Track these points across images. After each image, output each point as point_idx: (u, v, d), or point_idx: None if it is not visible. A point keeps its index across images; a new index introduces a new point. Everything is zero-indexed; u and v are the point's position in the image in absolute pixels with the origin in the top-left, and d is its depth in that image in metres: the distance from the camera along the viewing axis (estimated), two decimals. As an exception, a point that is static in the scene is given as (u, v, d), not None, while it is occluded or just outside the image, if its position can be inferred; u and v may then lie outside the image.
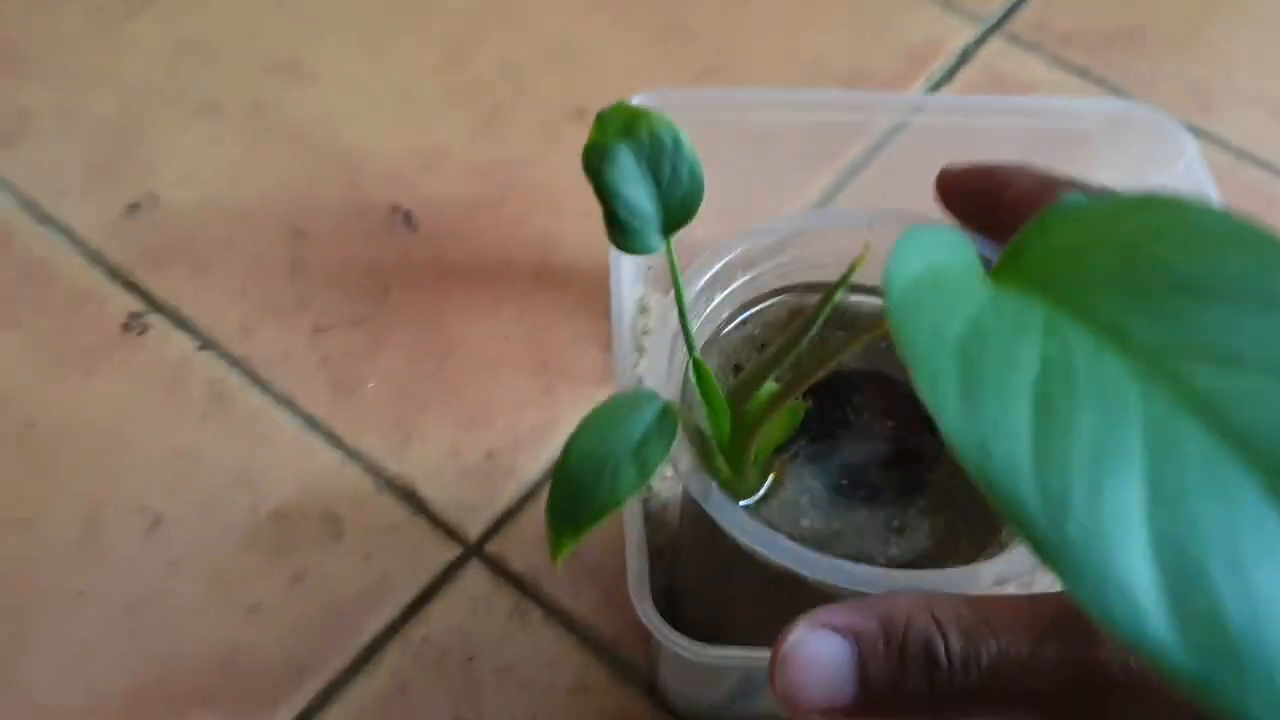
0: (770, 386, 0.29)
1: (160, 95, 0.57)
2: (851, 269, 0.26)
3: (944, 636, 0.24)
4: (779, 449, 0.32)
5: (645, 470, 0.27)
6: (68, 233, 0.51)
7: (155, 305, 0.49)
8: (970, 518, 0.32)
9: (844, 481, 0.33)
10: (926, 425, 0.32)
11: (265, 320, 0.49)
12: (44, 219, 0.51)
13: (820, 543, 0.31)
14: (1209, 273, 0.19)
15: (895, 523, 0.32)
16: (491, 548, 0.43)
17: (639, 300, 0.47)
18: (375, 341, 0.48)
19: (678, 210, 0.29)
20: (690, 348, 0.30)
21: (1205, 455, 0.17)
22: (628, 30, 0.61)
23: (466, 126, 0.56)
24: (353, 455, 0.45)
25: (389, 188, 0.53)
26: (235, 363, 0.47)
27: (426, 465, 0.45)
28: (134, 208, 0.52)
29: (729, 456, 0.30)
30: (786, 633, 0.24)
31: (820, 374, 0.27)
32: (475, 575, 0.42)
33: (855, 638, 0.24)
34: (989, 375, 0.18)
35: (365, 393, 0.47)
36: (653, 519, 0.42)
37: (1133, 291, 0.19)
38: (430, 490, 0.44)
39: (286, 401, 0.46)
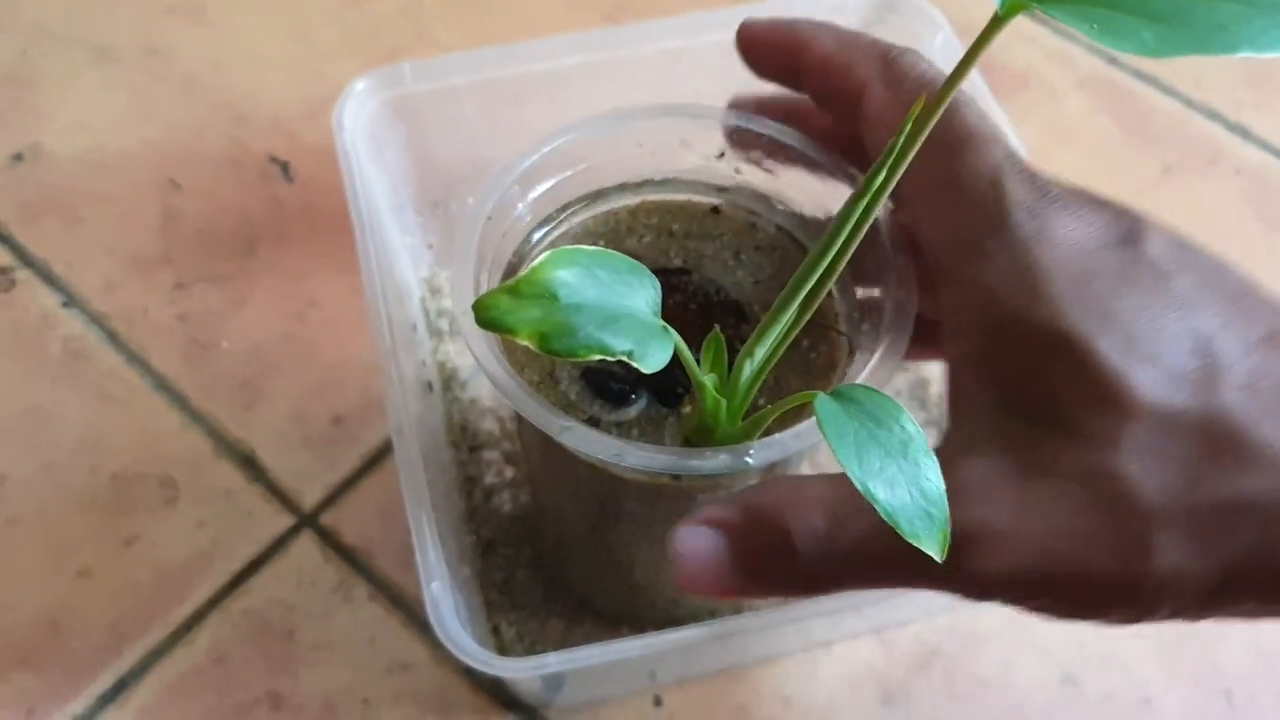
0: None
1: (58, 40, 0.55)
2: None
3: (805, 520, 0.25)
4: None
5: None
6: (-51, 183, 0.50)
7: (25, 260, 0.48)
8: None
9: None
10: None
11: (130, 276, 0.48)
12: (-72, 168, 0.51)
13: None
14: None
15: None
16: (326, 519, 0.42)
17: (426, 281, 0.45)
18: (235, 299, 0.47)
19: None
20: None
21: None
22: (540, -31, 0.58)
23: (359, 70, 0.54)
24: (197, 417, 0.44)
25: (271, 137, 0.52)
26: (95, 320, 0.46)
27: (270, 429, 0.44)
28: (17, 158, 0.51)
29: (731, 415, 0.28)
30: (674, 534, 0.26)
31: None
32: (305, 547, 0.41)
33: (724, 529, 0.26)
34: None
35: (219, 352, 0.45)
36: (477, 514, 0.41)
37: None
38: (270, 456, 0.43)
39: (139, 360, 0.45)
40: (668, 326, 0.24)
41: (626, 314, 0.24)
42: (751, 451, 0.26)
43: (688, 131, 0.33)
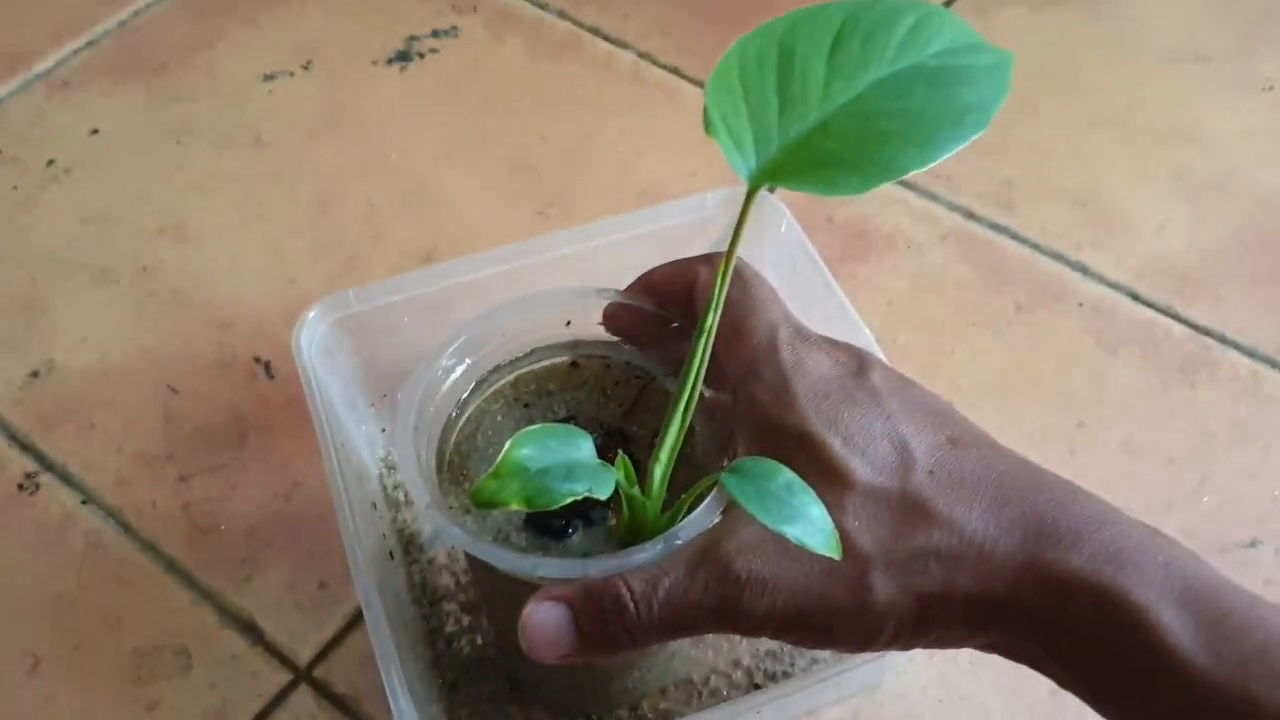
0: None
1: (63, 265, 0.64)
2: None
3: (628, 585, 0.33)
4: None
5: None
6: (-24, 402, 0.58)
7: (47, 465, 0.56)
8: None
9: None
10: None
11: (139, 473, 0.55)
12: (-44, 390, 0.59)
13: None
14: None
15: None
16: (319, 672, 0.49)
17: (383, 460, 0.53)
18: (230, 485, 0.55)
19: None
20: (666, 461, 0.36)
21: None
22: (478, 173, 0.67)
23: (327, 275, 0.63)
24: (204, 593, 0.51)
25: (254, 340, 0.60)
26: (111, 514, 0.54)
27: (266, 598, 0.51)
28: (34, 375, 0.59)
29: (654, 511, 0.37)
30: (524, 612, 0.34)
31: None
32: (303, 699, 0.48)
33: (567, 602, 0.34)
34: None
35: (219, 535, 0.53)
36: (441, 660, 0.48)
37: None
38: (268, 621, 0.50)
39: (151, 547, 0.53)
40: (606, 464, 0.33)
41: (577, 464, 0.32)
42: (679, 534, 0.35)
43: (538, 315, 0.43)
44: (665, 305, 0.42)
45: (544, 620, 0.33)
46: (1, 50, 0.74)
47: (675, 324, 0.42)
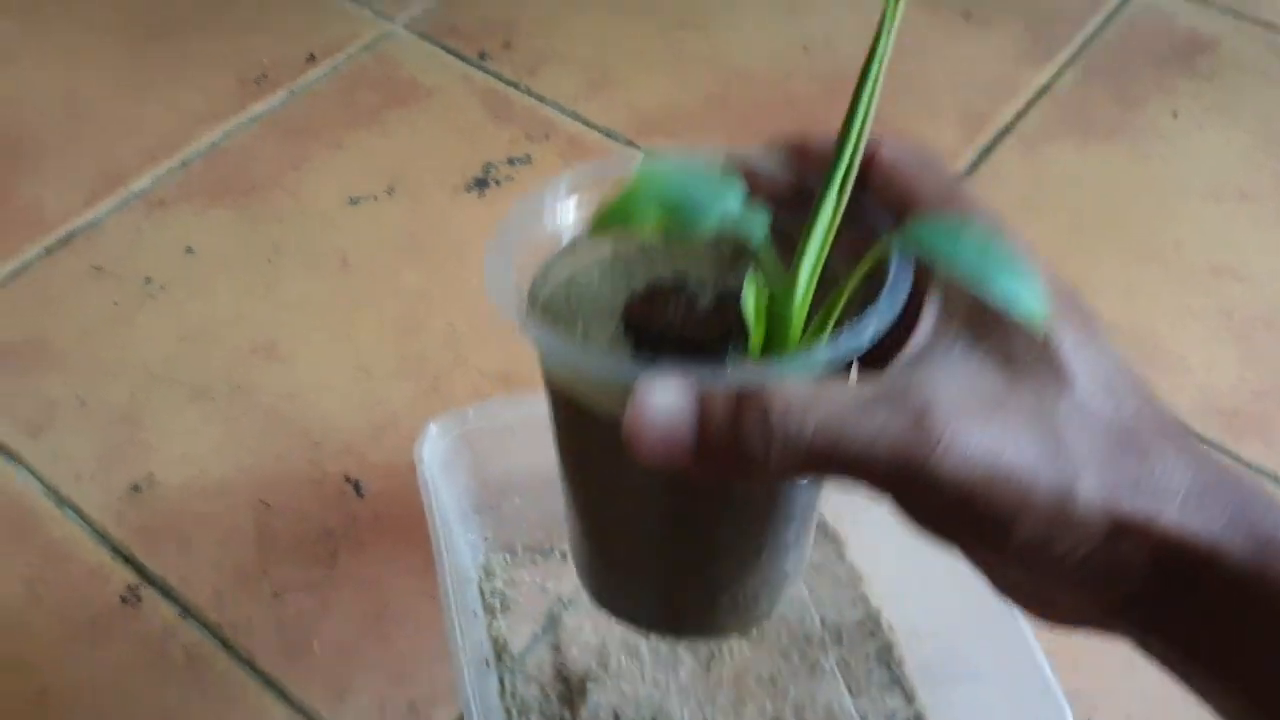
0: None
1: (161, 381, 0.67)
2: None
3: (781, 397, 0.26)
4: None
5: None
6: (81, 514, 0.62)
7: (148, 579, 0.59)
8: None
9: None
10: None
11: (235, 588, 0.58)
12: (62, 502, 0.62)
13: None
14: None
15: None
16: (410, 790, 0.52)
17: (482, 566, 0.56)
18: (323, 603, 0.57)
19: None
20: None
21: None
22: (553, 298, 0.70)
23: (412, 395, 0.66)
24: (299, 710, 0.54)
25: (344, 458, 0.63)
26: (209, 629, 0.57)
27: (358, 717, 0.54)
28: (135, 489, 0.63)
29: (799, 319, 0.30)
30: (638, 390, 0.27)
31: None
32: (395, 816, 0.51)
33: (699, 393, 0.27)
34: None
35: (312, 652, 0.56)
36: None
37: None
38: (361, 740, 0.53)
39: (248, 662, 0.56)
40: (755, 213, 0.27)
41: (723, 199, 0.27)
42: (842, 343, 0.28)
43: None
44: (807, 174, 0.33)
45: (663, 404, 0.26)
46: (101, 169, 0.79)
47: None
